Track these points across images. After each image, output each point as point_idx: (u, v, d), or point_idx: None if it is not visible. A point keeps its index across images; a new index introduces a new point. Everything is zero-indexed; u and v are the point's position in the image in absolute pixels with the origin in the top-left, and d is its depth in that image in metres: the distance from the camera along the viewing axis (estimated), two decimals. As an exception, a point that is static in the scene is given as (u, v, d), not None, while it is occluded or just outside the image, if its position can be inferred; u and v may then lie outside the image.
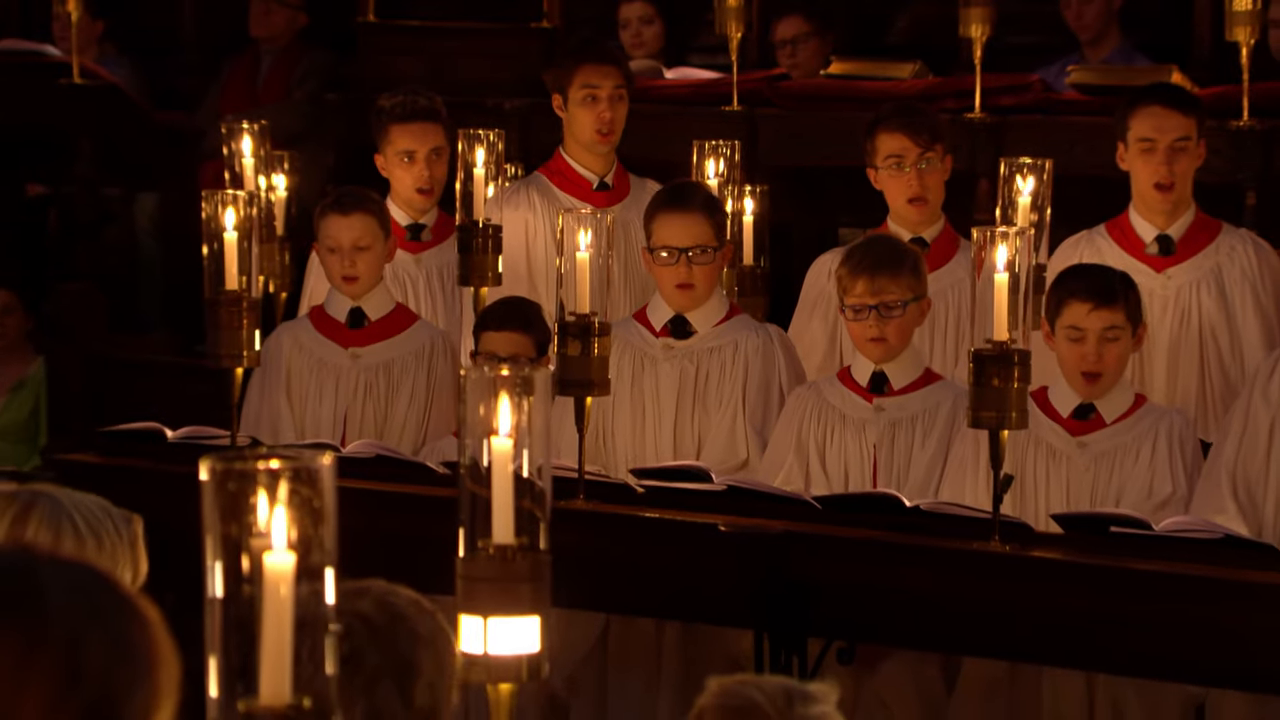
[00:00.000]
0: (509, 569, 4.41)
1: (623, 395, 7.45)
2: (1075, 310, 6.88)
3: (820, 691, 3.51)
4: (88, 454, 7.61)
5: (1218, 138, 9.06)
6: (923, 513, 6.54)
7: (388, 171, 8.61)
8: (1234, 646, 6.15)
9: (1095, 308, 6.87)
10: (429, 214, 8.61)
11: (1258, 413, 6.85)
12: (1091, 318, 6.87)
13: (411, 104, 8.58)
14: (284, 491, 3.01)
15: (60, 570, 2.46)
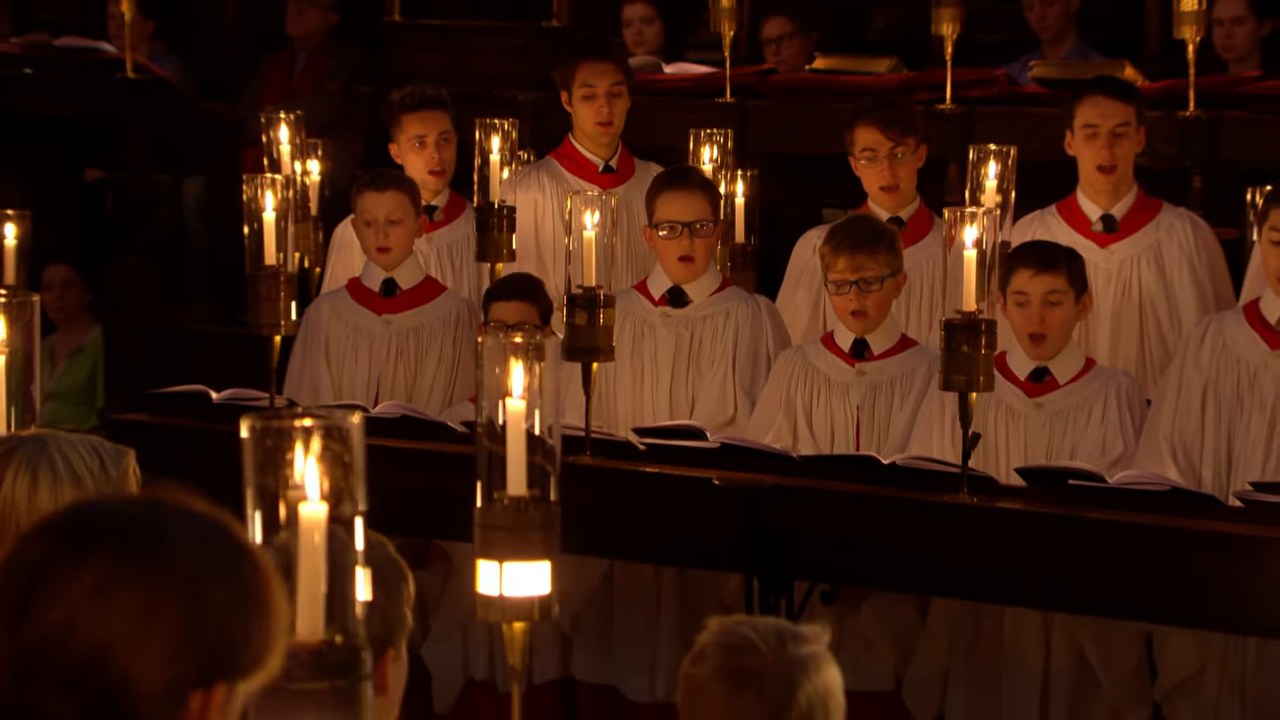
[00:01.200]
0: (522, 519, 4.41)
1: (624, 358, 7.44)
2: (1021, 276, 6.90)
3: (812, 632, 3.51)
4: (140, 414, 7.61)
5: (1166, 126, 9.06)
6: (898, 468, 6.54)
7: (401, 158, 8.59)
8: (1179, 588, 6.16)
9: (1037, 273, 6.88)
10: (441, 195, 8.59)
11: (1190, 379, 6.86)
12: (1034, 282, 6.88)
13: (420, 93, 8.58)
14: (317, 447, 3.00)
15: (187, 521, 2.41)
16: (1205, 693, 6.74)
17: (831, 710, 3.47)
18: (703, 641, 3.49)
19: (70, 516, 2.40)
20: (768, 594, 6.51)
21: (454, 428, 7.04)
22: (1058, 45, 10.60)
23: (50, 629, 2.30)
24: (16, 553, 2.35)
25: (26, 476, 3.84)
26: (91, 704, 2.30)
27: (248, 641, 2.40)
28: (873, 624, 7.12)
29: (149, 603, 2.32)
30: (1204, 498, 6.36)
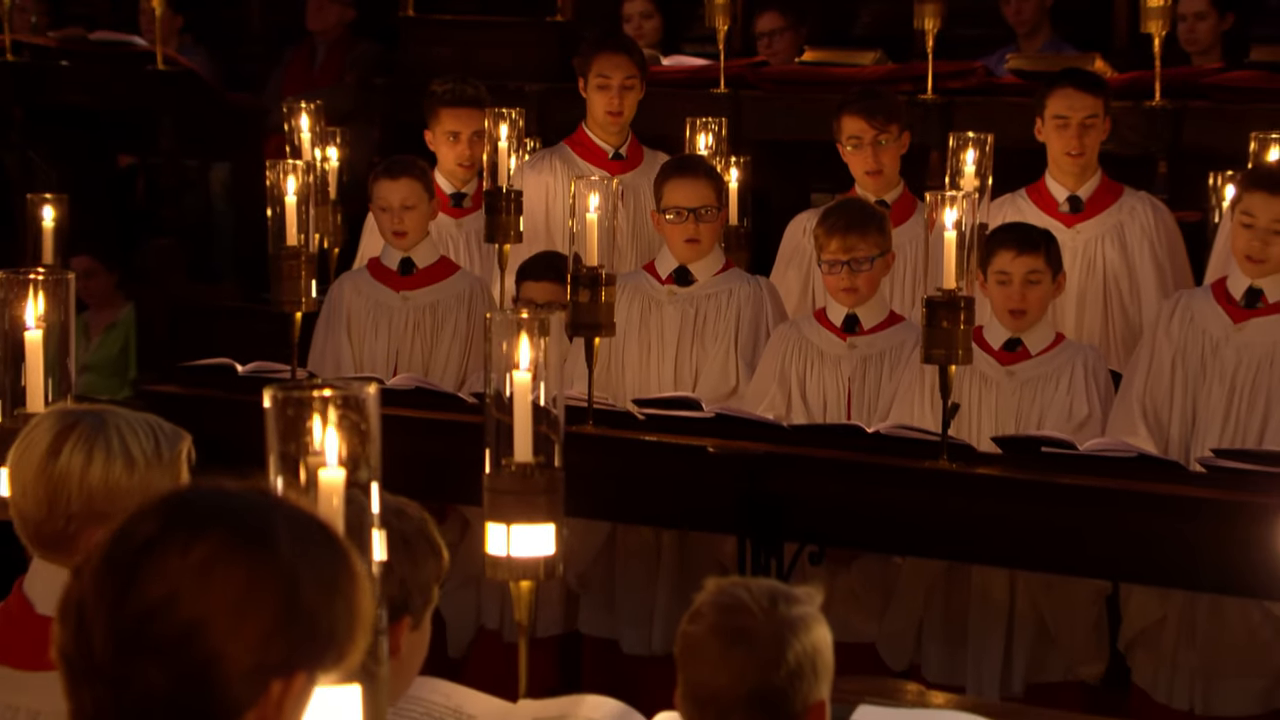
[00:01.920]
0: (528, 483, 4.41)
1: (632, 334, 7.46)
2: (1003, 257, 6.92)
3: (805, 594, 3.50)
4: (170, 385, 7.60)
5: (1134, 115, 9.07)
6: (882, 436, 6.54)
7: (435, 147, 8.60)
8: (1145, 548, 6.15)
9: (1019, 254, 6.90)
10: (469, 184, 8.60)
11: (1161, 349, 6.89)
12: (1016, 263, 6.90)
13: (460, 91, 8.57)
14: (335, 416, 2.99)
15: (288, 514, 2.39)
16: (1163, 642, 6.76)
17: (820, 668, 3.46)
18: (700, 601, 3.49)
19: (184, 497, 2.39)
20: (760, 555, 6.52)
21: (464, 399, 7.05)
22: (1032, 39, 10.61)
23: (153, 601, 2.29)
24: (128, 527, 2.34)
25: (83, 452, 3.80)
26: (180, 677, 2.29)
27: (333, 635, 2.37)
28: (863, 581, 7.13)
29: (248, 587, 2.30)
30: (1168, 464, 6.36)
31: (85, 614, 2.31)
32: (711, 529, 6.99)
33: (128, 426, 3.86)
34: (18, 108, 11.53)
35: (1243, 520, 5.67)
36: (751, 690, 3.40)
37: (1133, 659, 6.86)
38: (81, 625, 2.31)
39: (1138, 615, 6.82)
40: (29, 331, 4.82)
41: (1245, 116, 8.53)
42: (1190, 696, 6.70)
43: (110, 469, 3.78)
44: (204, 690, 2.29)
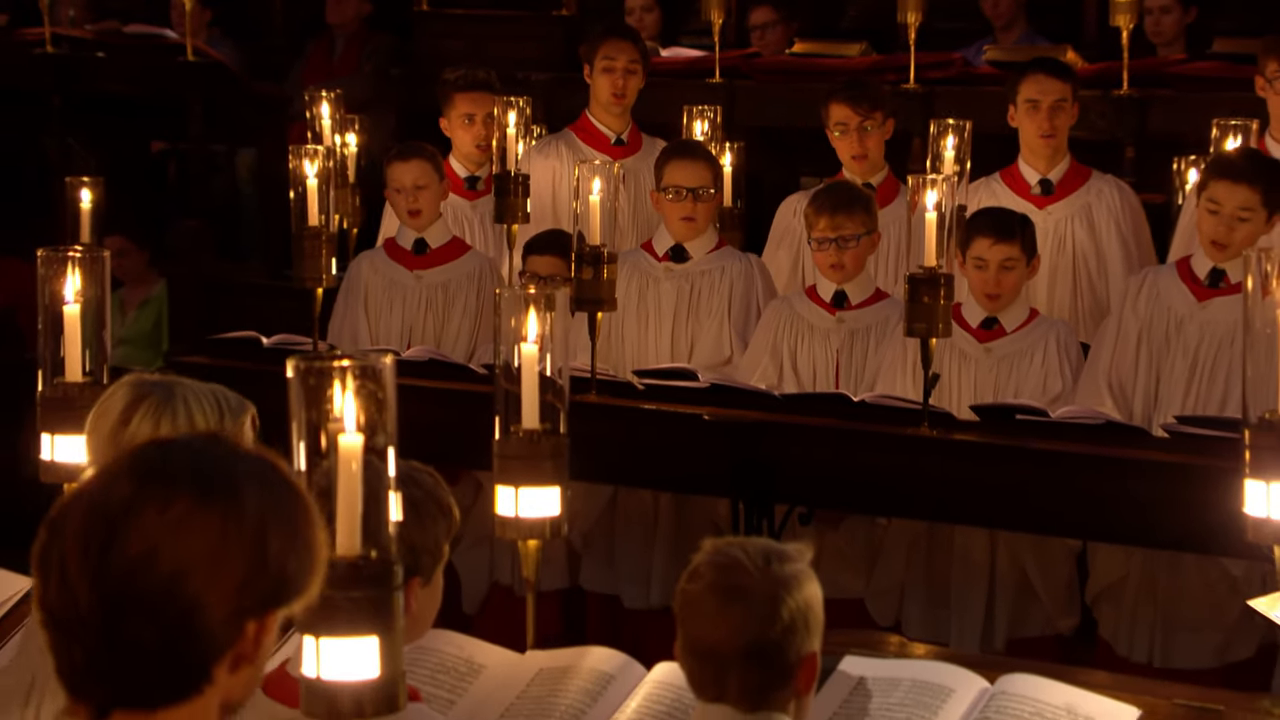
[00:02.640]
0: (535, 449, 4.42)
1: (630, 308, 7.45)
2: (980, 244, 6.89)
3: (797, 551, 3.50)
4: (200, 357, 7.58)
5: (1102, 104, 9.07)
6: (868, 405, 6.53)
7: (450, 132, 8.57)
8: (1112, 508, 6.15)
9: (995, 242, 6.88)
10: (483, 168, 8.57)
11: (1127, 324, 6.87)
12: (993, 250, 6.87)
13: (472, 76, 8.56)
14: (353, 385, 3.00)
15: (253, 466, 2.41)
16: (1126, 597, 6.76)
17: (811, 622, 3.47)
18: (698, 560, 3.49)
19: (155, 456, 2.39)
20: (752, 516, 6.52)
21: (475, 369, 7.04)
22: (1008, 32, 10.60)
23: (135, 557, 2.31)
24: (103, 487, 2.35)
25: (151, 420, 3.83)
26: (166, 626, 2.31)
27: (298, 575, 2.41)
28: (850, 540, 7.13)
29: (222, 539, 2.33)
30: (1134, 430, 6.37)
31: (68, 572, 2.32)
32: (707, 492, 6.97)
33: (194, 397, 3.90)
34: (57, 96, 11.53)
35: (1201, 483, 5.65)
36: (748, 644, 3.41)
37: (1098, 612, 6.86)
38: (65, 583, 2.33)
39: (1103, 572, 6.82)
40: (67, 306, 4.82)
41: (1207, 105, 8.52)
42: (1149, 650, 6.70)
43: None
44: (188, 636, 2.32)
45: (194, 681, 2.35)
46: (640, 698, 4.19)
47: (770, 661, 3.41)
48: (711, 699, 3.44)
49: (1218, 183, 6.71)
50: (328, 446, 2.99)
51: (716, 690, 3.43)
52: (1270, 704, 4.31)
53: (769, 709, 3.43)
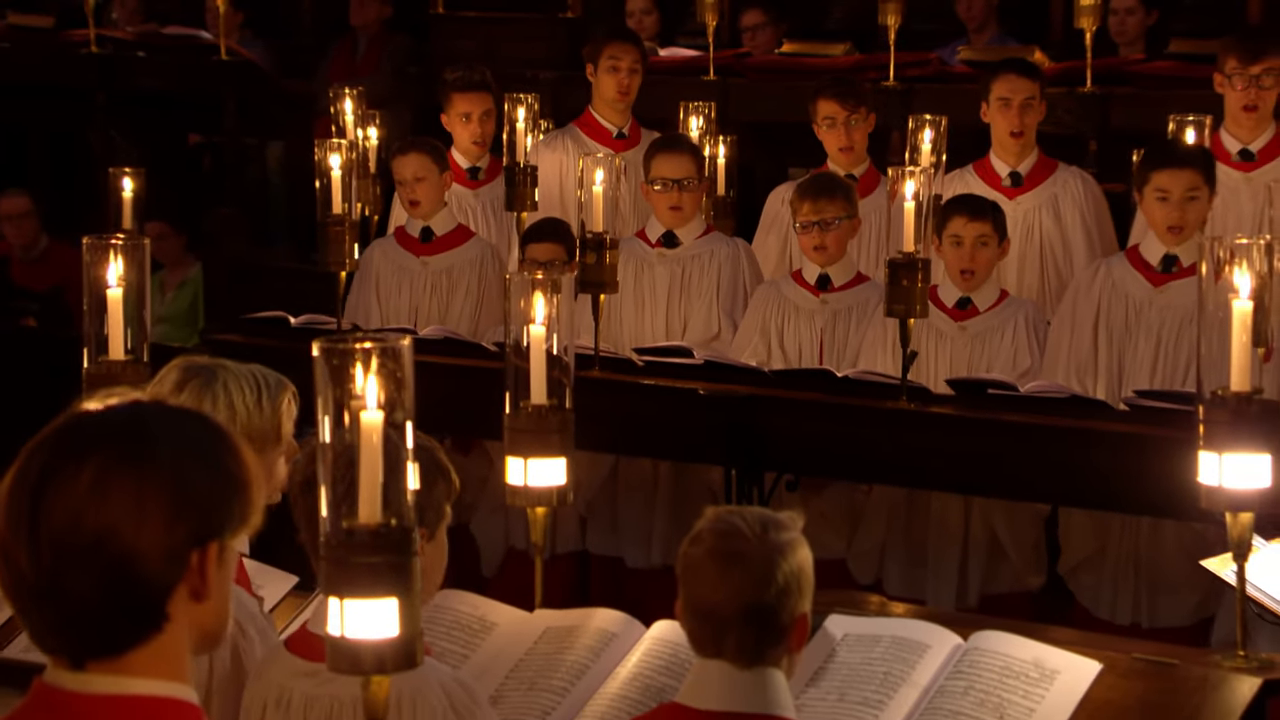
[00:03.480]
0: (543, 423, 4.41)
1: (627, 291, 7.42)
2: (956, 222, 6.89)
3: (790, 519, 3.50)
4: (233, 335, 7.57)
5: (1068, 100, 9.05)
6: (850, 380, 6.52)
7: (450, 128, 8.56)
8: (1077, 476, 6.16)
9: (970, 220, 6.88)
10: (483, 159, 8.56)
11: (1082, 313, 6.87)
12: (968, 228, 6.88)
13: (468, 77, 8.53)
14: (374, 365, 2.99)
15: (170, 421, 2.41)
16: (1105, 566, 6.75)
17: (804, 585, 3.47)
18: (699, 527, 3.48)
19: (66, 427, 2.40)
20: (744, 483, 6.52)
21: (487, 347, 7.04)
22: (981, 33, 10.59)
23: (60, 521, 2.31)
24: (24, 463, 2.36)
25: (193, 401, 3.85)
26: (107, 578, 2.32)
27: (230, 510, 2.41)
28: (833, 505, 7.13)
29: (139, 493, 2.32)
30: (1097, 403, 6.37)
31: (8, 549, 2.33)
32: (702, 461, 6.98)
33: (234, 380, 3.93)
34: (101, 93, 11.54)
35: (1160, 452, 5.65)
36: (745, 606, 3.40)
37: (1074, 583, 6.84)
38: (7, 559, 2.34)
39: (1078, 547, 6.81)
40: (110, 290, 4.83)
41: (1165, 101, 8.49)
42: (1133, 612, 6.69)
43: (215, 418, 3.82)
44: (130, 583, 2.33)
45: (152, 620, 2.36)
46: (640, 654, 4.20)
47: (766, 622, 3.41)
48: (710, 656, 3.44)
49: (1161, 172, 6.71)
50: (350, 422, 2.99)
51: (715, 648, 3.43)
52: (1221, 658, 4.31)
53: (763, 665, 3.43)
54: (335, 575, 3.02)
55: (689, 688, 3.46)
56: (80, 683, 2.34)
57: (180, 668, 2.38)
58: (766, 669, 3.43)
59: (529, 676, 4.19)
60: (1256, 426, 4.24)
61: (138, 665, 2.35)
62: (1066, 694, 4.04)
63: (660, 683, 4.06)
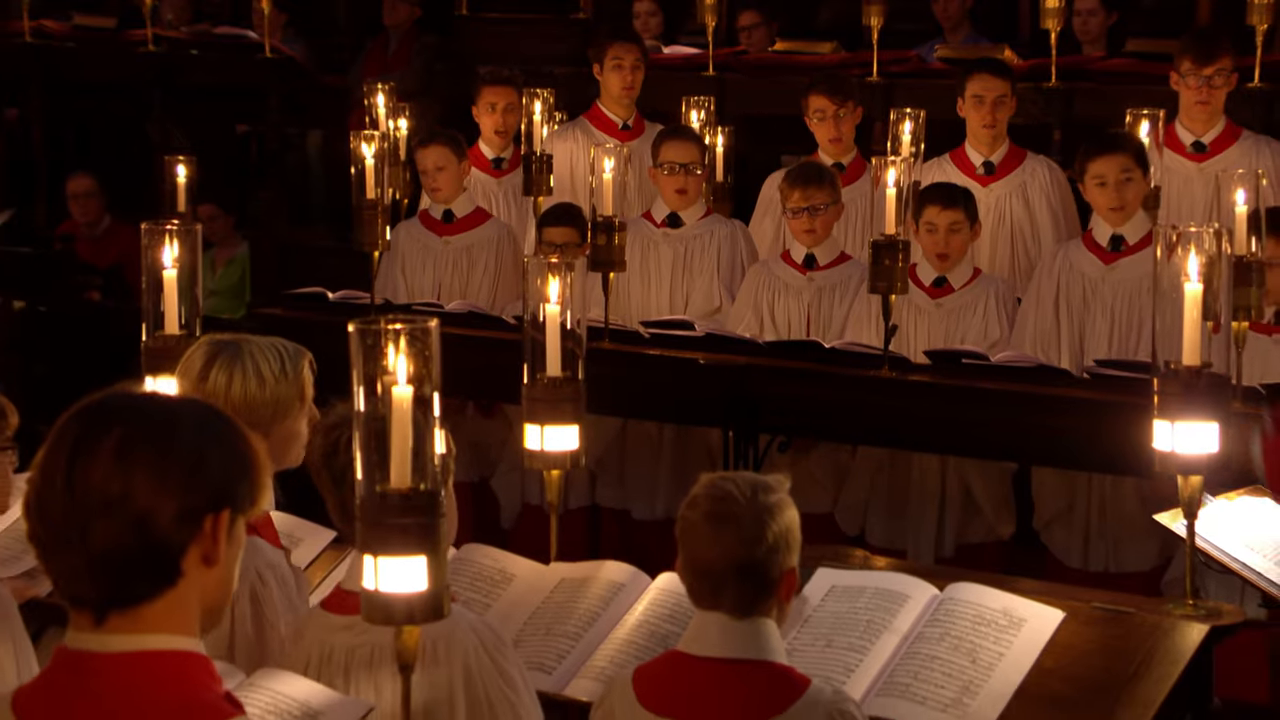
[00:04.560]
0: (558, 393, 4.40)
1: (634, 268, 7.40)
2: (930, 211, 6.87)
3: (777, 482, 3.50)
4: (276, 308, 7.57)
5: (1035, 94, 9.02)
6: (836, 350, 6.51)
7: (479, 118, 8.56)
8: (1043, 438, 6.15)
9: (943, 208, 6.86)
10: (507, 150, 8.55)
11: (1044, 292, 6.87)
12: (941, 216, 6.86)
13: (497, 73, 8.57)
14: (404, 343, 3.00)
15: (188, 404, 2.50)
16: (1074, 522, 6.75)
17: (791, 542, 3.47)
18: (695, 491, 3.48)
19: (92, 405, 2.45)
20: (740, 444, 6.51)
21: (507, 320, 7.02)
22: (956, 33, 10.53)
23: (90, 486, 2.36)
24: (61, 430, 2.42)
25: (225, 373, 3.88)
26: (127, 533, 2.36)
27: (240, 486, 2.45)
28: (820, 465, 7.12)
29: (161, 461, 2.38)
30: (1061, 371, 6.35)
31: (44, 506, 2.39)
32: (702, 423, 6.96)
33: (259, 351, 3.94)
34: (157, 87, 11.51)
35: (1118, 416, 5.65)
36: (739, 562, 3.40)
37: (1048, 537, 6.83)
38: (43, 515, 2.39)
39: (1050, 504, 6.80)
40: (166, 271, 4.82)
41: (1122, 95, 8.44)
42: (1104, 559, 6.70)
43: (246, 386, 3.86)
44: (148, 539, 2.37)
45: (166, 575, 2.39)
46: (646, 603, 4.19)
47: (758, 576, 3.41)
48: (709, 608, 3.44)
49: (1095, 161, 6.74)
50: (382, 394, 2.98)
51: (713, 601, 3.42)
52: (1172, 606, 4.30)
53: (756, 616, 3.43)
54: (369, 535, 3.01)
55: (689, 637, 3.46)
56: (101, 642, 2.37)
57: (191, 623, 2.42)
58: (759, 619, 3.42)
59: (545, 623, 4.19)
60: (1205, 398, 4.23)
61: (153, 619, 2.38)
62: (1032, 639, 4.04)
63: (665, 629, 4.06)
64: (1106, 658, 4.03)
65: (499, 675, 3.37)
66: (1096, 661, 4.02)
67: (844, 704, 3.39)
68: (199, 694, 2.35)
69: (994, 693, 3.93)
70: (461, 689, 3.33)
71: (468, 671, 3.34)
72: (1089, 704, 3.92)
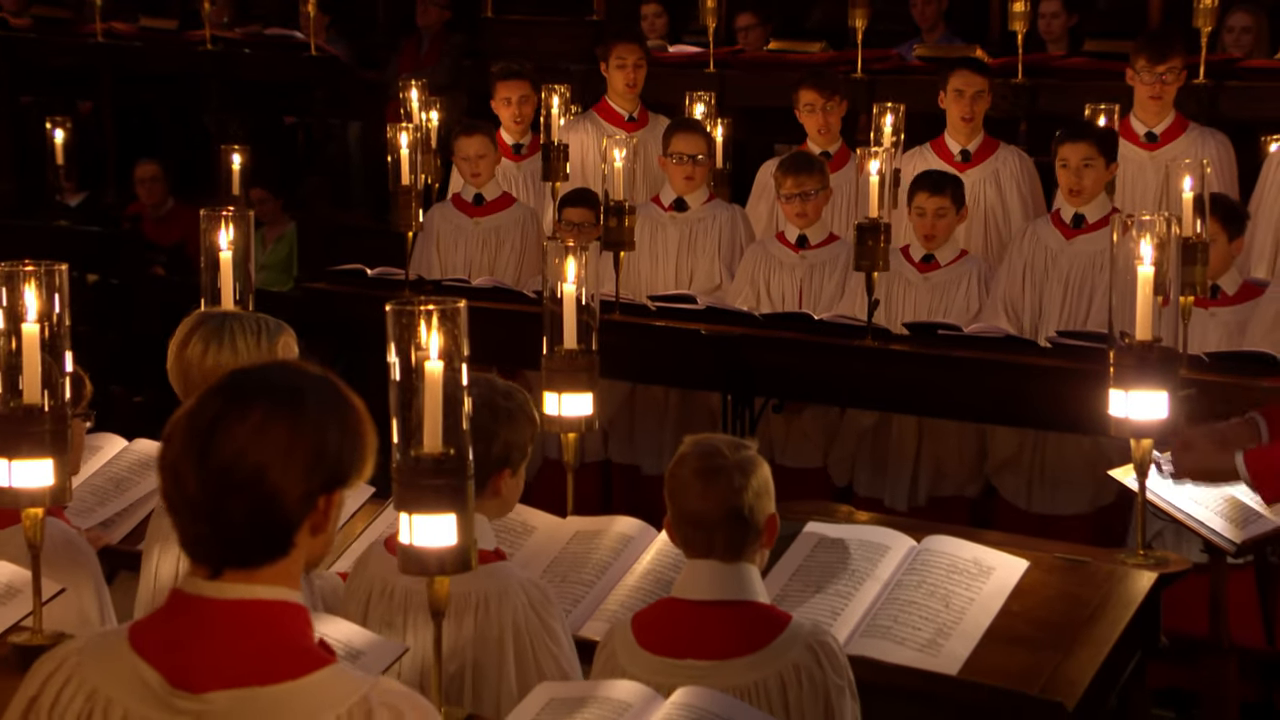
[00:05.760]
0: (573, 364, 4.40)
1: (644, 248, 7.39)
2: (920, 197, 6.89)
3: (748, 442, 3.49)
4: (321, 283, 7.55)
5: (1004, 89, 8.98)
6: (825, 322, 6.49)
7: (496, 110, 8.54)
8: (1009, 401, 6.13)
9: (931, 195, 6.86)
10: (525, 137, 8.52)
11: (1014, 263, 6.90)
12: (929, 201, 6.85)
13: (509, 68, 8.54)
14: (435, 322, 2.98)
15: (314, 382, 2.41)
16: (1022, 468, 6.75)
17: (769, 491, 3.48)
18: (681, 451, 3.48)
19: (237, 379, 2.41)
20: (738, 406, 6.51)
21: (527, 294, 7.01)
22: (932, 33, 10.49)
23: (226, 457, 2.33)
24: (199, 406, 2.38)
25: (201, 343, 3.82)
26: (254, 506, 2.34)
27: (353, 463, 2.41)
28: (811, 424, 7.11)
29: (290, 442, 2.34)
30: (1026, 341, 6.33)
31: (179, 471, 2.35)
32: (703, 388, 6.95)
33: (239, 325, 3.86)
34: (214, 82, 11.49)
35: (1075, 381, 5.63)
36: (727, 511, 3.39)
37: (998, 480, 6.85)
38: (177, 479, 2.36)
39: (1002, 448, 6.81)
40: (222, 252, 4.81)
41: (1082, 90, 8.45)
42: (1045, 501, 6.71)
43: (220, 356, 3.79)
44: (271, 512, 2.34)
45: (280, 545, 2.37)
46: (652, 554, 4.19)
47: (745, 521, 3.40)
48: (701, 556, 3.43)
49: (1063, 146, 6.81)
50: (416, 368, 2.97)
51: (706, 549, 3.41)
52: (1125, 555, 4.30)
53: (742, 560, 3.42)
54: (404, 495, 3.01)
55: (681, 584, 3.44)
56: (215, 589, 2.36)
57: (295, 578, 2.41)
58: (744, 564, 3.42)
59: (562, 571, 4.18)
60: (1156, 369, 4.21)
61: (263, 577, 2.37)
62: (1000, 586, 4.04)
63: (669, 577, 4.05)
64: (1066, 602, 4.03)
65: (544, 630, 3.37)
66: (1057, 605, 4.02)
67: (821, 635, 3.39)
68: (296, 640, 2.35)
69: (965, 634, 3.93)
70: (510, 641, 3.33)
71: (516, 626, 3.34)
72: (1051, 643, 3.92)
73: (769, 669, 3.26)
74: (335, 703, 2.29)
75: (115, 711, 2.33)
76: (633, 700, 3.04)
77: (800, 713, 3.22)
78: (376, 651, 3.29)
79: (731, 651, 3.30)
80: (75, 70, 11.96)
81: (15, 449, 3.42)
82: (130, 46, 11.84)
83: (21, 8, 12.66)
